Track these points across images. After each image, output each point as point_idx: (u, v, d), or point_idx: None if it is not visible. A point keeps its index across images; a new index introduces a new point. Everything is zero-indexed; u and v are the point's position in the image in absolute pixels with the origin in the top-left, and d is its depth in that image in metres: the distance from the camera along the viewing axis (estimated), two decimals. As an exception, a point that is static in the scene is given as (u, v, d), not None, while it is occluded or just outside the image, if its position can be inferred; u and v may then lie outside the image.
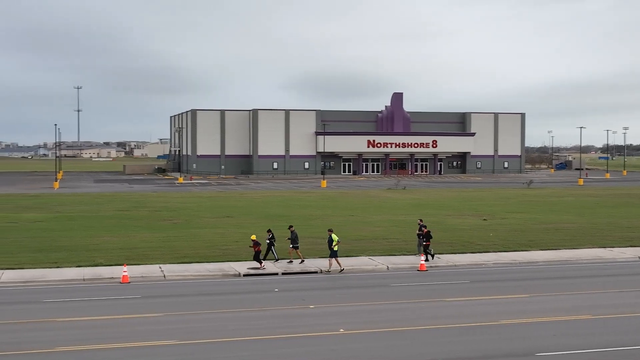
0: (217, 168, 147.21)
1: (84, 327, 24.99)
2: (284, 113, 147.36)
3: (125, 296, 30.46)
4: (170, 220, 58.70)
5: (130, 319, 26.27)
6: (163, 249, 42.30)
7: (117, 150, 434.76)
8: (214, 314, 27.17)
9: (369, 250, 42.51)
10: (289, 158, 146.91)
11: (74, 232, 50.43)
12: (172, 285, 33.13)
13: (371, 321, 25.93)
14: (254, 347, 22.54)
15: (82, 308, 28.13)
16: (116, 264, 37.03)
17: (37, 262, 37.59)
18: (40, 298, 29.98)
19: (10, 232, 50.28)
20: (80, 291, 31.63)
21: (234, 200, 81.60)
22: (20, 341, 23.04)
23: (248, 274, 35.61)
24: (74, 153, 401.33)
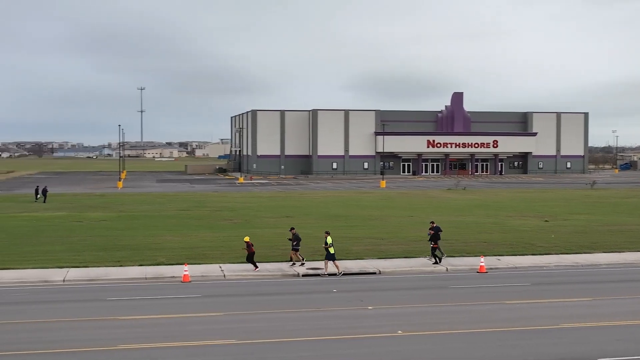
0: (277, 168, 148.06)
1: (146, 326, 25.45)
2: (344, 113, 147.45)
3: (186, 295, 30.89)
4: (231, 220, 59.28)
5: (190, 318, 26.64)
6: (223, 249, 42.75)
7: (179, 150, 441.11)
8: (273, 314, 27.36)
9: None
10: (348, 158, 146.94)
11: (137, 231, 51.33)
12: (232, 285, 33.48)
13: (430, 323, 25.80)
14: (313, 347, 22.64)
15: (143, 306, 28.64)
16: (177, 263, 37.58)
17: (101, 261, 38.39)
18: (103, 296, 30.60)
19: (75, 231, 51.43)
20: (142, 290, 32.20)
21: (294, 200, 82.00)
22: (83, 338, 23.57)
23: (307, 274, 35.77)
24: (137, 153, 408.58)
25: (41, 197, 78.83)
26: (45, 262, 37.89)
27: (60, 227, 53.83)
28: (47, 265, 37.11)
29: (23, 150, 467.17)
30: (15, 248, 42.92)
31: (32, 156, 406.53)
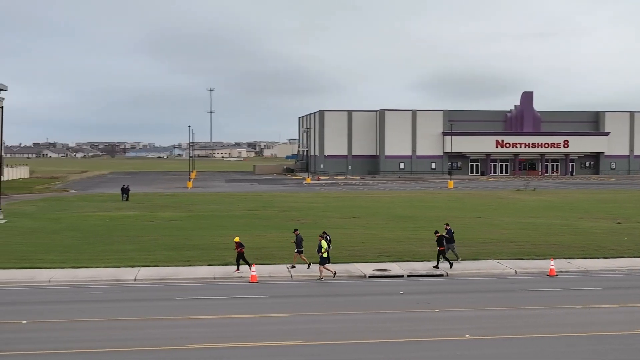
0: (344, 168, 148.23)
1: (214, 325, 25.82)
2: (411, 113, 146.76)
3: (254, 295, 31.22)
4: (298, 220, 59.56)
5: (258, 318, 26.91)
6: (291, 249, 42.89)
7: (247, 151, 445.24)
8: (340, 315, 27.44)
9: (496, 253, 41.81)
10: (415, 158, 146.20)
11: (206, 231, 52.05)
12: (299, 286, 33.69)
13: (498, 327, 25.53)
14: (379, 349, 22.64)
15: (212, 306, 29.05)
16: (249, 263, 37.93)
17: (171, 260, 39.07)
18: (173, 295, 31.14)
19: (146, 230, 52.44)
20: (211, 289, 32.66)
21: (361, 200, 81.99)
22: (153, 337, 24.06)
23: (373, 276, 35.76)
24: (207, 153, 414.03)
25: (125, 196, 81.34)
26: (118, 261, 38.76)
27: (131, 226, 54.97)
28: (119, 264, 37.96)
29: (96, 151, 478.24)
30: (89, 247, 44.01)
31: (105, 156, 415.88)
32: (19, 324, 26.01)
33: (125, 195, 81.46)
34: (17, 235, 49.33)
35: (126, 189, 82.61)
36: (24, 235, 49.54)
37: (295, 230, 38.83)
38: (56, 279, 34.60)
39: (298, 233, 38.19)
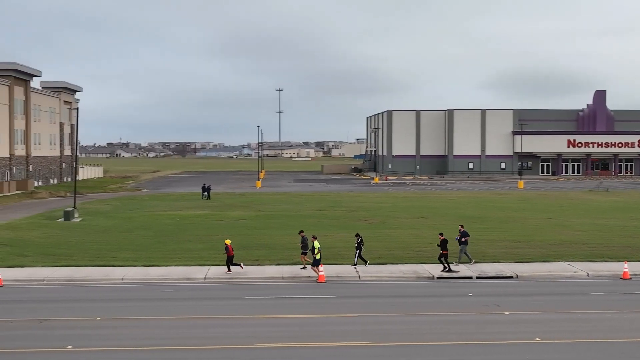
0: (412, 168, 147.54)
1: (282, 325, 26.02)
2: (480, 113, 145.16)
3: (322, 295, 31.35)
4: (366, 220, 59.58)
5: (325, 318, 27.02)
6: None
7: (315, 150, 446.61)
8: (408, 316, 27.36)
9: (567, 255, 41.07)
10: (484, 158, 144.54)
11: (275, 230, 52.44)
12: (367, 286, 33.70)
13: (569, 331, 25.08)
14: (447, 352, 22.51)
15: (280, 306, 29.29)
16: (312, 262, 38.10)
17: (240, 259, 39.42)
18: (242, 294, 31.50)
19: (216, 229, 53.12)
20: (279, 289, 32.92)
21: (429, 200, 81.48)
22: (222, 336, 24.40)
23: (442, 277, 35.54)
24: (275, 153, 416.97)
25: (206, 195, 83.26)
26: (188, 259, 39.39)
27: (201, 225, 55.76)
28: (190, 262, 38.58)
29: (168, 150, 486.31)
30: (161, 246, 44.83)
31: (176, 156, 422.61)
32: (93, 320, 26.70)
33: (207, 193, 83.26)
34: (92, 234, 50.57)
35: (207, 187, 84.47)
36: (98, 234, 50.76)
37: (301, 231, 39.05)
38: (129, 277, 35.38)
39: (304, 235, 38.41)
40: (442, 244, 36.74)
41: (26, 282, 34.66)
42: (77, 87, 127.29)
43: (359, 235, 38.68)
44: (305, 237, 38.10)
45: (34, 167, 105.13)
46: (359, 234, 38.78)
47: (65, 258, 40.14)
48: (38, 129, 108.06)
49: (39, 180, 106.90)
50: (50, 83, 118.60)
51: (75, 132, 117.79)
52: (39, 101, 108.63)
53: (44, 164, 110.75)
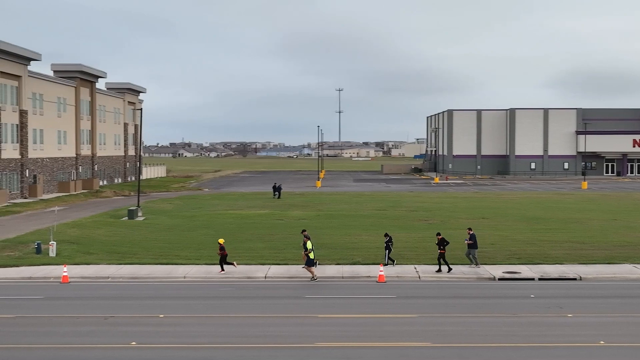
0: (472, 168, 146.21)
1: (342, 324, 26.09)
2: (543, 112, 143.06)
3: (381, 295, 31.33)
4: (426, 220, 59.30)
5: (385, 318, 27.00)
6: (418, 249, 42.88)
7: (375, 150, 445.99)
8: (468, 317, 27.15)
9: (633, 257, 40.21)
10: (547, 158, 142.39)
11: (334, 230, 52.55)
12: (427, 287, 33.55)
13: (634, 334, 24.56)
14: (508, 354, 22.28)
15: (340, 305, 29.37)
16: (373, 262, 38.14)
17: (300, 259, 39.54)
18: (302, 294, 31.68)
19: (277, 228, 53.49)
20: (339, 288, 33.01)
21: (490, 201, 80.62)
22: (282, 334, 24.56)
23: (503, 278, 35.17)
24: (335, 153, 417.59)
25: (277, 194, 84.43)
26: (249, 258, 39.76)
27: (262, 225, 56.20)
28: (251, 261, 38.93)
29: (229, 150, 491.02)
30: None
31: (237, 156, 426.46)
32: (157, 317, 27.17)
33: (277, 193, 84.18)
34: (155, 232, 51.41)
35: (278, 187, 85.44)
36: (161, 232, 51.58)
37: (304, 230, 39.04)
38: (191, 275, 35.91)
39: (306, 234, 38.37)
40: (439, 243, 36.64)
41: (92, 279, 35.47)
42: (140, 88, 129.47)
43: (387, 235, 38.70)
44: (308, 236, 38.24)
45: (99, 167, 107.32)
46: (388, 234, 38.79)
47: (129, 256, 40.91)
48: (103, 129, 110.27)
49: (104, 179, 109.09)
50: (114, 84, 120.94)
51: (139, 132, 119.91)
52: (104, 102, 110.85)
53: (108, 163, 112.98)
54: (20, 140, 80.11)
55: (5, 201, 72.21)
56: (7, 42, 73.90)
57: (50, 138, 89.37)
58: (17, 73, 78.27)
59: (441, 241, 36.56)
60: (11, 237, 47.91)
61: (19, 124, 79.88)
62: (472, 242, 37.68)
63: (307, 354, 22.16)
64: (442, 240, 36.57)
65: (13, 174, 78.16)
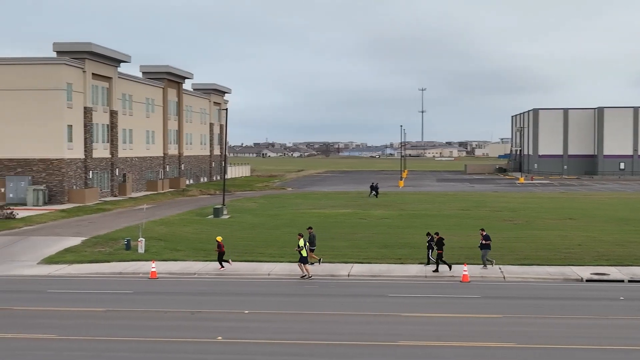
0: (559, 168, 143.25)
1: (426, 324, 26.04)
2: (633, 111, 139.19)
3: (465, 295, 31.11)
4: (511, 220, 58.47)
5: (469, 318, 26.81)
6: (503, 250, 42.34)
7: (458, 150, 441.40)
8: (555, 319, 26.69)
9: None
10: (637, 158, 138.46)
11: (418, 229, 52.24)
12: (512, 287, 33.14)
13: None
14: (594, 356, 21.88)
15: (423, 304, 29.30)
16: (456, 262, 37.82)
17: (383, 257, 39.74)
18: (385, 292, 31.72)
19: (360, 228, 53.61)
20: (422, 288, 32.91)
21: (577, 201, 78.86)
22: (365, 332, 24.67)
23: (591, 280, 34.44)
24: (418, 152, 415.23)
25: (373, 193, 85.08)
26: (332, 257, 39.99)
27: (345, 224, 56.40)
28: (334, 260, 39.16)
29: (312, 150, 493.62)
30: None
31: (319, 155, 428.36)
32: (242, 313, 27.66)
33: (375, 192, 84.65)
34: (240, 230, 52.21)
35: (375, 186, 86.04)
36: (246, 230, 52.36)
37: (309, 228, 39.55)
38: (275, 272, 36.38)
39: (312, 231, 38.89)
40: (437, 243, 36.43)
41: (179, 275, 36.32)
42: (226, 89, 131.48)
43: (429, 234, 38.39)
44: (313, 234, 39.13)
45: (185, 166, 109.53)
46: (430, 233, 38.46)
47: (215, 253, 41.63)
48: (190, 129, 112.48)
49: (190, 178, 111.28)
50: (201, 85, 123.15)
51: (224, 132, 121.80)
52: (190, 102, 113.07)
53: (194, 163, 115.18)
54: (110, 140, 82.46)
55: (97, 199, 74.49)
56: (99, 45, 76.17)
57: (139, 138, 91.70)
58: (108, 75, 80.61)
59: (439, 241, 36.51)
60: (102, 234, 49.45)
61: (109, 124, 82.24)
62: (486, 242, 37.32)
63: (391, 353, 22.21)
64: (439, 241, 36.51)
65: (104, 173, 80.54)
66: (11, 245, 45.84)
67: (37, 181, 70.10)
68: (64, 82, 70.84)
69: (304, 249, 35.65)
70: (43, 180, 70.25)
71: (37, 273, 37.19)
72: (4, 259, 41.31)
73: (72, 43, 74.78)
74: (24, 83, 70.13)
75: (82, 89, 74.69)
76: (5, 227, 52.63)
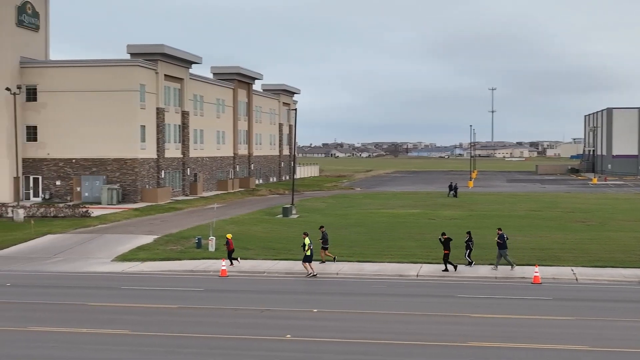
0: (633, 169, 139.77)
1: (496, 325, 25.76)
2: None
3: (536, 297, 30.66)
4: (584, 221, 57.35)
5: (540, 320, 26.41)
6: (575, 251, 41.62)
7: (529, 150, 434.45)
8: (631, 322, 26.07)
9: None
10: None
11: (487, 230, 51.50)
12: (585, 289, 32.53)
13: None
14: (672, 360, 21.34)
15: (493, 305, 28.99)
16: (527, 263, 37.35)
17: (452, 258, 39.25)
18: (454, 292, 31.49)
19: (428, 227, 53.28)
20: (492, 289, 32.56)
21: (653, 203, 76.82)
22: (434, 332, 24.53)
23: (667, 283, 33.53)
24: (488, 153, 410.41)
25: (452, 193, 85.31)
26: (401, 257, 39.91)
27: (414, 224, 56.17)
28: (403, 260, 39.08)
29: (380, 150, 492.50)
30: (374, 243, 45.73)
31: (388, 156, 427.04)
32: (310, 312, 27.83)
33: (453, 192, 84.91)
34: (309, 230, 52.23)
35: (455, 186, 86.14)
36: (315, 230, 52.50)
37: (322, 227, 40.03)
38: (343, 272, 36.49)
39: (324, 230, 39.24)
40: (444, 243, 36.26)
41: (249, 274, 36.73)
42: (295, 89, 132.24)
43: (469, 233, 38.27)
44: (326, 232, 39.38)
45: (255, 166, 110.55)
46: (470, 232, 38.37)
47: (284, 252, 42.03)
48: (259, 129, 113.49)
49: (260, 178, 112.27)
50: (270, 86, 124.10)
51: (293, 133, 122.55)
52: (260, 103, 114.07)
53: (264, 163, 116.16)
54: (182, 140, 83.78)
55: (168, 198, 75.81)
56: (171, 47, 77.50)
57: (210, 138, 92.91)
58: (179, 76, 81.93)
59: (446, 241, 36.41)
60: (174, 232, 50.33)
61: (181, 124, 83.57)
62: (501, 242, 36.81)
63: (460, 353, 22.06)
64: (447, 240, 36.39)
65: (175, 173, 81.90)
66: (87, 242, 47.06)
67: (112, 180, 71.72)
68: (138, 84, 72.31)
69: (309, 249, 36.10)
70: (117, 179, 71.84)
71: (111, 270, 38.11)
72: (79, 256, 42.47)
73: (145, 45, 76.24)
74: (98, 84, 71.82)
75: (155, 90, 76.09)
76: (81, 225, 54.04)
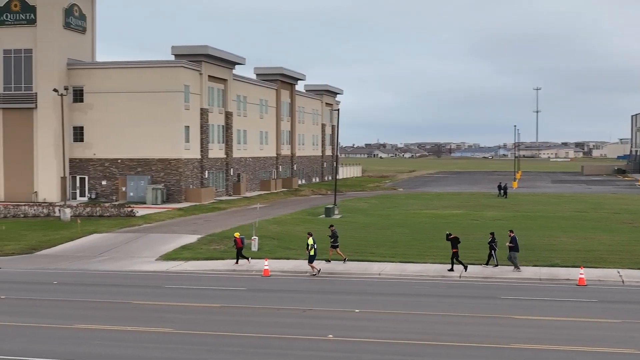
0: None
1: (540, 327, 25.47)
2: None
3: (581, 299, 30.28)
4: (630, 223, 56.46)
5: (585, 322, 26.09)
6: (622, 253, 41.02)
7: (574, 151, 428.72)
8: (676, 325, 25.67)
9: None
10: None
11: (532, 231, 51.21)
12: (632, 292, 32.05)
13: None
14: None
15: (538, 307, 28.68)
16: (572, 265, 36.92)
17: (499, 259, 39.07)
18: (497, 294, 31.25)
19: (472, 228, 52.88)
20: (536, 290, 32.24)
21: (703, 204, 75.29)
22: (477, 334, 24.35)
23: None
24: (532, 153, 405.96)
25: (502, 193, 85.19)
26: (444, 257, 39.63)
27: (457, 224, 55.76)
28: (445, 260, 38.78)
29: (423, 151, 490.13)
30: (417, 243, 45.58)
31: (431, 156, 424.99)
32: (352, 312, 27.83)
33: (503, 192, 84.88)
34: (351, 230, 52.44)
35: (504, 186, 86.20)
36: (357, 230, 52.58)
37: (331, 225, 40.08)
38: (386, 272, 36.43)
39: (334, 228, 39.26)
40: (452, 242, 36.05)
41: (291, 273, 36.86)
42: (338, 90, 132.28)
43: (492, 234, 38.09)
44: (336, 230, 39.33)
45: (297, 166, 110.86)
46: (493, 233, 38.21)
47: (325, 252, 42.04)
48: (302, 130, 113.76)
49: (302, 178, 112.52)
50: (313, 86, 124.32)
51: (335, 133, 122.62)
52: (303, 103, 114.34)
53: (306, 163, 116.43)
54: (225, 141, 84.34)
55: (212, 198, 76.37)
56: (215, 48, 78.07)
57: (253, 138, 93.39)
58: (223, 77, 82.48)
59: (454, 240, 36.22)
60: (217, 232, 50.70)
61: (224, 125, 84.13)
62: (512, 244, 36.53)
63: (502, 355, 21.88)
64: (454, 240, 36.21)
65: (219, 173, 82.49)
66: (131, 242, 47.65)
67: (156, 180, 72.49)
68: (182, 84, 72.97)
69: (313, 249, 36.30)
70: (161, 179, 72.59)
71: (156, 269, 38.55)
72: (124, 255, 43.03)
73: (189, 46, 76.92)
74: (143, 85, 72.64)
75: (199, 90, 76.71)
76: (126, 225, 54.73)
